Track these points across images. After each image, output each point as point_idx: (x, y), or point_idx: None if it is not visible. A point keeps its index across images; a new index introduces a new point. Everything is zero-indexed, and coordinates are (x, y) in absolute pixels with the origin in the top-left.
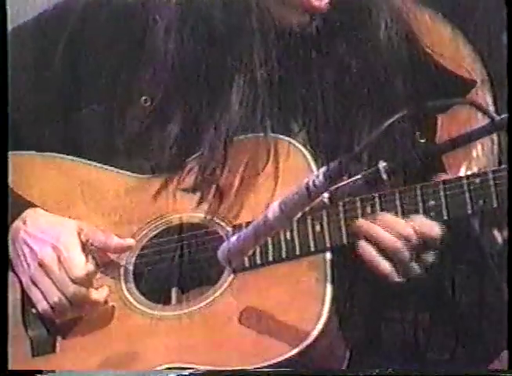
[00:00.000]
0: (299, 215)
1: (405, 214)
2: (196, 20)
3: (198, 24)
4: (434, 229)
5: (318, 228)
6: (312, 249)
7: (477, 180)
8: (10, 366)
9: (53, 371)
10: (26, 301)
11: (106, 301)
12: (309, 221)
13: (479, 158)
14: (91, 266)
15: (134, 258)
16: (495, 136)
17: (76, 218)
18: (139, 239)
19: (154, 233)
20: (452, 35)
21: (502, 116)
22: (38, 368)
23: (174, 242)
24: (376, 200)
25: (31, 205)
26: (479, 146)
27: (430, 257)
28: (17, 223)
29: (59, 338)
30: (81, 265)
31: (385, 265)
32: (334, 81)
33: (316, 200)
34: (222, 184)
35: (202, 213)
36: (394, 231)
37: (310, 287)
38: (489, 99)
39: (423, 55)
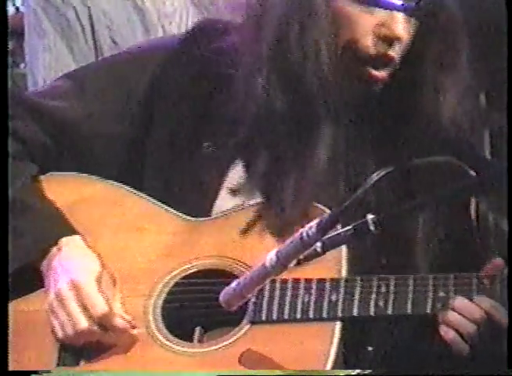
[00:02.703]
0: (294, 262)
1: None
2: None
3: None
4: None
5: (333, 297)
6: (325, 316)
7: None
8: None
9: (49, 371)
10: None
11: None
12: (327, 289)
13: None
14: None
15: (165, 294)
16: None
17: (118, 250)
18: (173, 276)
19: (187, 273)
20: None
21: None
22: None
23: (201, 285)
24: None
25: (71, 232)
26: None
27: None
28: (53, 250)
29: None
30: (101, 303)
31: (465, 347)
32: None
33: (310, 249)
34: None
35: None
36: (469, 315)
37: (314, 351)
38: None
39: None
